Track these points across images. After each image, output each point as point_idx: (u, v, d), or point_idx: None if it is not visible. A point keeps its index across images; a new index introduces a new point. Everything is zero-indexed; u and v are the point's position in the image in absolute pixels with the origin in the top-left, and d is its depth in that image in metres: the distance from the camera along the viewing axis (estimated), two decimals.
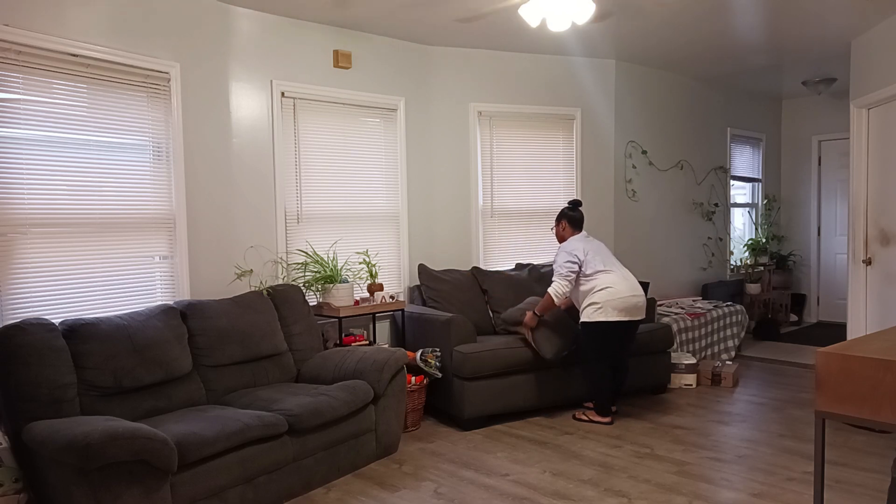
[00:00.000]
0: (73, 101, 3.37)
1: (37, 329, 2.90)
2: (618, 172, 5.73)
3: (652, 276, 6.10)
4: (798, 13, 4.42)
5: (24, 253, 3.19)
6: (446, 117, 5.15)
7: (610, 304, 3.95)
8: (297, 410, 3.14)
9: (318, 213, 4.50)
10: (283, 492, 3.11)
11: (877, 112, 4.75)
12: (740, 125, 7.15)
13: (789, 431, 3.99)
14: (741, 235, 7.37)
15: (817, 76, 6.34)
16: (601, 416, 4.17)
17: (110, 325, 3.15)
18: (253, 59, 4.16)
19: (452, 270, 4.86)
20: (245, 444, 2.93)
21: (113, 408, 3.06)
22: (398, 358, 3.69)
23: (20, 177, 3.18)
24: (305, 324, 3.99)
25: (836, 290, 7.49)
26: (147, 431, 2.52)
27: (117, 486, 2.46)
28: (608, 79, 5.63)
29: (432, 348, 4.19)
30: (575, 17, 3.54)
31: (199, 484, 2.75)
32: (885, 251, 4.61)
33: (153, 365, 3.19)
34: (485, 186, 5.30)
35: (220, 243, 4.03)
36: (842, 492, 3.12)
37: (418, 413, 4.18)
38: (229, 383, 3.55)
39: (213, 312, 3.59)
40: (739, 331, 5.86)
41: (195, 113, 3.89)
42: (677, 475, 3.35)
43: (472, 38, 4.91)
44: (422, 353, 4.14)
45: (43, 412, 2.83)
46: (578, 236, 4.19)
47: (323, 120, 4.50)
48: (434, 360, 4.13)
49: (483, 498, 3.14)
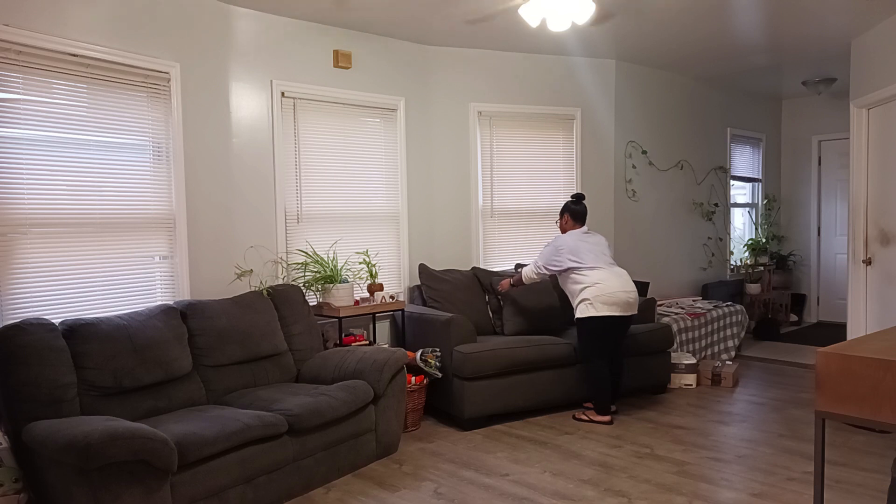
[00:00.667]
0: (73, 101, 3.37)
1: (37, 329, 2.90)
2: (618, 172, 5.73)
3: (652, 276, 6.10)
4: (798, 13, 4.42)
5: (24, 253, 3.19)
6: (446, 117, 5.15)
7: (599, 299, 4.00)
8: (297, 410, 3.14)
9: (318, 213, 4.50)
10: (283, 492, 3.11)
11: (877, 112, 4.75)
12: (740, 125, 7.15)
13: (789, 431, 3.99)
14: (741, 235, 7.37)
15: (817, 76, 6.34)
16: (601, 415, 4.17)
17: (110, 325, 3.15)
18: (253, 59, 4.16)
19: (452, 270, 4.86)
20: (245, 444, 2.93)
21: (113, 408, 3.06)
22: (398, 358, 3.69)
23: (20, 177, 3.18)
24: (305, 324, 3.99)
25: (836, 290, 7.49)
26: (147, 431, 2.52)
27: (117, 486, 2.46)
28: (608, 79, 5.63)
29: (432, 348, 4.20)
30: (575, 17, 3.54)
31: (199, 484, 2.75)
32: (885, 251, 4.61)
33: (153, 365, 3.19)
34: (485, 186, 5.30)
35: (220, 243, 4.03)
36: (842, 492, 3.12)
37: (418, 413, 4.18)
38: (229, 383, 3.55)
39: (213, 312, 3.59)
40: (739, 331, 5.86)
41: (195, 113, 3.89)
42: (677, 475, 3.35)
43: (472, 38, 4.91)
44: (422, 353, 4.14)
45: (43, 412, 2.83)
46: (576, 232, 4.22)
47: (323, 120, 4.50)
48: (434, 360, 4.13)
49: (483, 498, 3.14)
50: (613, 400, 4.28)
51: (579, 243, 4.14)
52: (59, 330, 3.01)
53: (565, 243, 4.15)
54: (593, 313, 4.02)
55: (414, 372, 4.21)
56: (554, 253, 4.16)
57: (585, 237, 4.19)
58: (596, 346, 4.11)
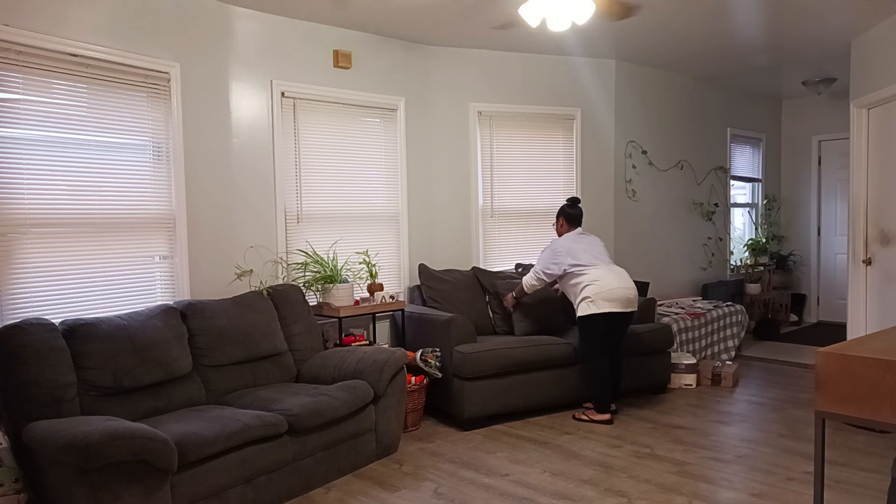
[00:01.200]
0: (73, 101, 3.37)
1: (37, 329, 2.90)
2: (618, 172, 5.73)
3: (652, 276, 6.10)
4: (798, 13, 4.42)
5: (24, 253, 3.19)
6: (446, 117, 5.15)
7: (600, 296, 4.03)
8: (297, 410, 3.14)
9: (318, 212, 4.49)
10: (283, 492, 3.11)
11: (877, 112, 4.75)
12: (740, 125, 7.14)
13: (789, 431, 3.99)
14: (741, 235, 7.37)
15: (817, 76, 6.34)
16: (600, 413, 4.18)
17: (110, 325, 3.15)
18: (253, 59, 4.16)
19: (452, 270, 4.86)
20: (245, 444, 2.93)
21: (113, 408, 3.06)
22: (398, 358, 3.69)
23: (20, 177, 3.18)
24: (305, 324, 3.99)
25: (836, 290, 7.49)
26: (147, 431, 2.52)
27: (117, 486, 2.46)
28: (608, 79, 5.63)
29: (432, 348, 4.20)
30: (575, 17, 3.54)
31: (199, 484, 2.75)
32: (885, 251, 4.61)
33: (153, 365, 3.19)
34: (485, 186, 5.30)
35: (220, 243, 4.03)
36: (842, 492, 3.12)
37: (418, 413, 4.17)
38: (229, 383, 3.55)
39: (213, 312, 3.59)
40: (739, 331, 5.86)
41: (195, 113, 3.89)
42: (677, 475, 3.35)
43: (472, 38, 4.91)
44: (422, 353, 4.14)
45: (43, 412, 2.83)
46: (571, 234, 4.26)
47: (323, 120, 4.50)
48: (434, 361, 4.13)
49: (483, 498, 3.14)
50: (614, 399, 4.29)
51: (575, 244, 4.18)
52: (59, 330, 3.01)
53: (562, 246, 4.20)
54: (595, 310, 4.04)
55: (414, 372, 4.21)
56: (552, 257, 4.20)
57: (581, 238, 4.24)
58: (598, 345, 4.12)
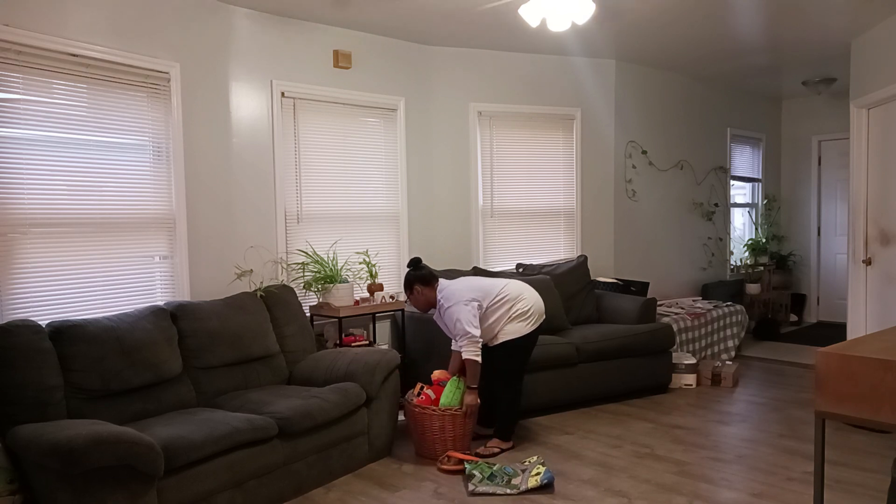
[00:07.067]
0: (73, 101, 3.37)
1: (22, 331, 2.85)
2: (618, 172, 5.72)
3: (652, 276, 6.10)
4: (798, 13, 4.42)
5: (23, 253, 3.19)
6: (446, 117, 5.15)
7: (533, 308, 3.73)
8: (287, 413, 3.09)
9: (318, 213, 4.49)
10: (274, 496, 3.06)
11: (877, 112, 4.75)
12: (740, 125, 7.14)
13: (789, 431, 3.99)
14: (741, 235, 7.37)
15: (817, 76, 6.34)
16: (506, 441, 3.77)
17: (98, 326, 3.09)
18: (253, 59, 4.16)
19: (453, 270, 4.86)
20: (234, 447, 2.87)
21: (100, 411, 3.01)
22: (390, 359, 3.65)
23: (20, 177, 3.18)
24: (298, 325, 3.96)
25: (836, 290, 7.49)
26: (132, 435, 2.47)
27: (101, 492, 2.42)
28: (608, 79, 5.63)
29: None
30: (575, 17, 3.54)
31: (187, 489, 2.70)
32: (885, 251, 4.61)
33: (142, 367, 3.13)
34: (485, 186, 5.30)
35: (220, 243, 4.03)
36: (842, 492, 3.12)
37: None
38: (220, 385, 3.50)
39: (204, 314, 3.54)
40: (739, 331, 5.85)
41: (195, 113, 3.89)
42: (677, 475, 3.35)
43: (472, 38, 4.91)
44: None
45: (28, 415, 2.78)
46: (444, 283, 3.73)
47: (323, 120, 4.50)
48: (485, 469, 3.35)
49: (483, 498, 3.13)
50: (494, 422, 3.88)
51: (463, 282, 3.71)
52: (46, 332, 2.95)
53: (457, 292, 3.63)
54: (534, 327, 3.71)
55: None
56: (464, 310, 3.57)
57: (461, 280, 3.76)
58: (523, 364, 3.77)
